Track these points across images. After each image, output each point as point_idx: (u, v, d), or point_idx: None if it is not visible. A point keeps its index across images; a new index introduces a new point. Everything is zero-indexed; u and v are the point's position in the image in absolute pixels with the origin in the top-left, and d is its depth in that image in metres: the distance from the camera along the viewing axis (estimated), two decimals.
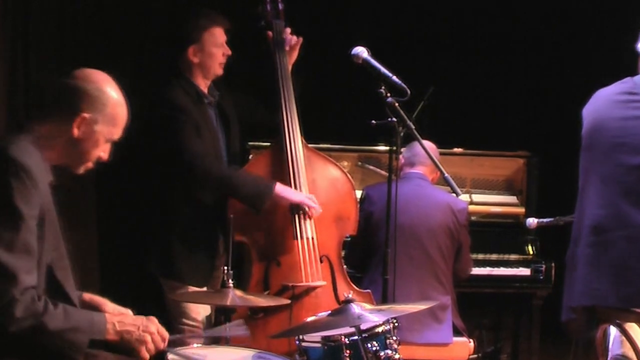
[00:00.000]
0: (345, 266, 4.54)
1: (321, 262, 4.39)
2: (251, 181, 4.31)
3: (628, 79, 3.53)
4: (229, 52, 4.43)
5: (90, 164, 2.92)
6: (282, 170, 4.41)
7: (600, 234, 3.42)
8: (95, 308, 2.99)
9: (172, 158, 4.30)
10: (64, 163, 2.89)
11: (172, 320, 4.37)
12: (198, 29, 4.37)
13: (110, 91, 2.88)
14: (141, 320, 2.87)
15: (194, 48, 4.36)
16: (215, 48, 4.38)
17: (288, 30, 4.57)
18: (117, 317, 2.87)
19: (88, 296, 3.05)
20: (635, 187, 3.38)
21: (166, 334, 2.88)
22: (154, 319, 2.88)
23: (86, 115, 2.82)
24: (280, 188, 4.30)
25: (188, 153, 4.25)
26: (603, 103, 3.53)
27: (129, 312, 3.01)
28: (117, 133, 2.91)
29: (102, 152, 2.91)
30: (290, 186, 4.37)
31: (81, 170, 2.93)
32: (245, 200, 4.29)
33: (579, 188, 3.57)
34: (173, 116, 4.26)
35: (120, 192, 5.10)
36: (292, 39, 4.57)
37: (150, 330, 2.83)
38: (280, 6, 4.59)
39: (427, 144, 4.27)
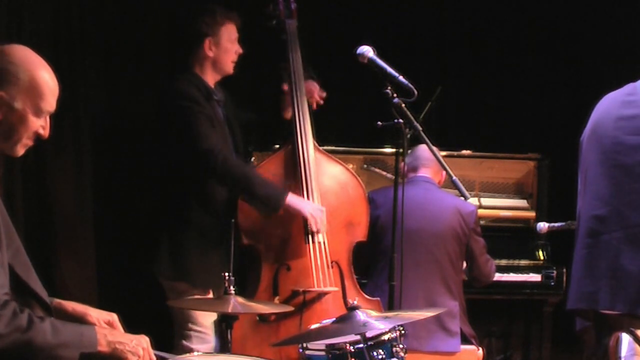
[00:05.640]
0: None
1: (331, 267, 4.35)
2: (266, 184, 4.28)
3: (630, 84, 3.51)
4: (241, 51, 4.47)
5: (27, 142, 2.73)
6: (294, 174, 4.38)
7: (596, 236, 3.38)
8: (79, 317, 2.91)
9: (189, 149, 4.25)
10: None
11: (177, 326, 4.35)
12: (215, 24, 4.41)
13: (25, 63, 2.69)
14: (134, 335, 2.80)
15: (209, 41, 4.39)
16: (230, 44, 4.43)
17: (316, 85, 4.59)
18: (108, 329, 2.81)
19: (70, 306, 2.95)
20: (633, 186, 3.33)
21: (154, 357, 2.80)
22: (146, 337, 2.80)
23: (1, 92, 2.65)
24: (291, 198, 4.25)
25: (207, 143, 4.22)
26: (602, 107, 3.53)
27: (114, 316, 2.94)
28: (47, 105, 2.71)
29: (40, 128, 2.72)
30: (302, 192, 4.34)
31: (19, 151, 2.74)
32: (257, 203, 4.25)
33: (578, 192, 3.54)
34: (188, 106, 4.27)
35: (117, 194, 5.02)
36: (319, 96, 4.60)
37: (142, 345, 2.76)
38: (293, 5, 4.60)
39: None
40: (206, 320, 4.30)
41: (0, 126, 2.67)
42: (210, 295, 4.29)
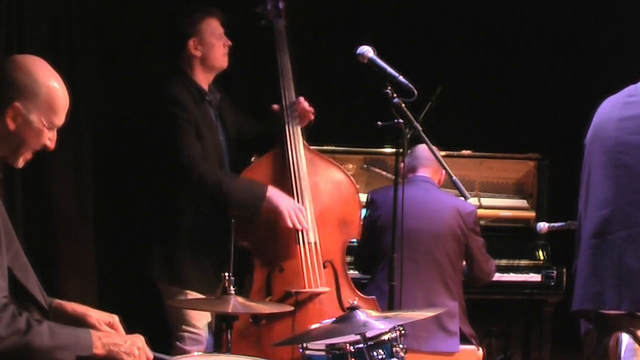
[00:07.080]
0: (350, 271, 4.49)
1: (324, 267, 4.35)
2: (244, 187, 4.26)
3: (631, 85, 3.52)
4: (229, 43, 4.46)
5: (29, 155, 2.80)
6: (283, 175, 4.37)
7: (601, 236, 3.38)
8: (79, 318, 2.92)
9: (169, 159, 4.27)
10: (2, 156, 2.76)
11: (172, 327, 4.35)
12: (194, 22, 4.41)
13: (41, 77, 2.74)
14: (128, 336, 2.84)
15: (193, 41, 4.39)
16: (215, 38, 4.41)
17: (302, 99, 4.46)
18: (103, 332, 2.83)
19: (71, 306, 2.97)
20: (637, 185, 3.34)
21: (151, 354, 2.82)
22: (141, 337, 2.82)
23: (18, 104, 2.70)
24: (271, 192, 4.24)
25: (185, 155, 4.23)
26: (603, 110, 3.54)
27: (115, 317, 2.95)
28: (59, 119, 2.78)
29: (47, 140, 2.79)
30: (292, 191, 4.32)
31: (20, 163, 2.80)
32: (238, 208, 4.24)
33: (581, 193, 3.54)
34: (174, 113, 4.26)
35: (116, 196, 5.02)
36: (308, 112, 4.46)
37: (137, 344, 2.78)
38: (281, 5, 4.59)
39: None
40: (200, 321, 4.30)
41: (12, 137, 2.72)
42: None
